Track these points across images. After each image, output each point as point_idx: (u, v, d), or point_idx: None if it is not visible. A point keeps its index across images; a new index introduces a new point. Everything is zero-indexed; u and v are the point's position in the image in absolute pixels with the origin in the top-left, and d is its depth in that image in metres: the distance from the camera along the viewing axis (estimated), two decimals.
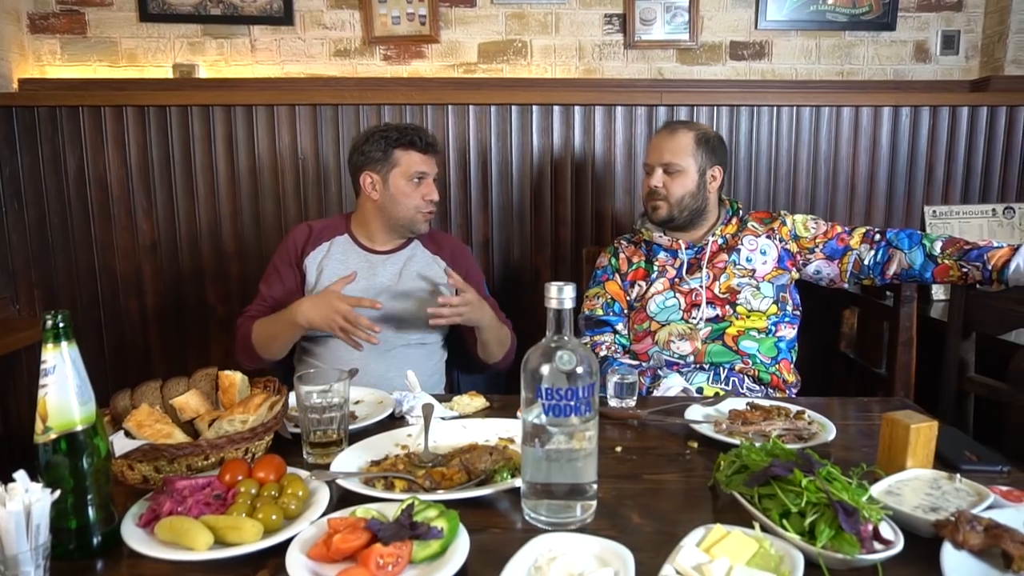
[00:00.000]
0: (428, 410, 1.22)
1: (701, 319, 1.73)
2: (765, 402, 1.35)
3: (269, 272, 1.84)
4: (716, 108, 2.41)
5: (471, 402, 1.39)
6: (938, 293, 2.35)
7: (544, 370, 0.90)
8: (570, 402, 0.89)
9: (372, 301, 1.58)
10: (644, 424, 1.32)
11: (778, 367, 1.73)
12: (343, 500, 0.98)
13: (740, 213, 1.85)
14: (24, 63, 2.46)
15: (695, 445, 1.21)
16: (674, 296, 1.77)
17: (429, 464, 1.09)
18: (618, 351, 1.81)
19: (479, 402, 1.40)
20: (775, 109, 2.42)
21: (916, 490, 0.96)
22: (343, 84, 2.47)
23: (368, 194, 1.79)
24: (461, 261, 1.89)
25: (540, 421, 0.91)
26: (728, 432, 1.21)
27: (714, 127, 2.33)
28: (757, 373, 1.71)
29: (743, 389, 1.69)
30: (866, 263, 1.73)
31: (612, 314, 1.83)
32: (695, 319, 1.74)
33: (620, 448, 1.20)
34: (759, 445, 1.02)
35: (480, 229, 2.45)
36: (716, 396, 1.51)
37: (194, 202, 2.41)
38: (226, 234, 2.43)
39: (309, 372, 1.20)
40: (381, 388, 1.50)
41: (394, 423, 1.31)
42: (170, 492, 0.93)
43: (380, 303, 1.60)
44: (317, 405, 1.14)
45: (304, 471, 1.04)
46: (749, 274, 1.76)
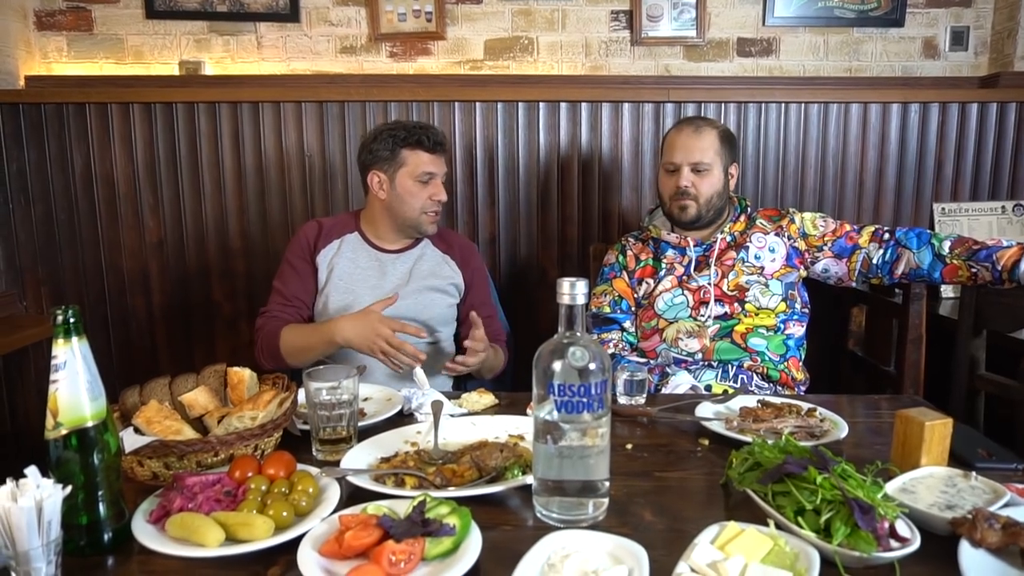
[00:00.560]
0: (438, 407, 1.21)
1: (709, 316, 1.73)
2: (776, 399, 1.34)
3: (284, 269, 1.82)
4: (724, 105, 2.39)
5: (480, 399, 1.39)
6: (947, 291, 2.33)
7: (556, 366, 0.90)
8: (582, 398, 0.89)
9: (417, 328, 1.59)
10: (654, 421, 1.31)
11: (787, 365, 1.72)
12: (353, 497, 0.98)
13: (748, 210, 1.84)
14: (31, 60, 2.46)
15: (706, 442, 1.21)
16: (682, 294, 1.76)
17: (439, 461, 1.08)
18: (626, 349, 1.80)
19: (488, 399, 1.40)
20: (783, 106, 2.40)
21: (931, 488, 0.95)
22: (349, 81, 2.46)
23: (375, 193, 1.78)
24: (470, 260, 1.89)
25: (552, 418, 0.90)
26: (739, 429, 1.20)
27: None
28: (766, 370, 1.70)
29: (752, 386, 1.68)
30: (875, 262, 1.71)
31: (620, 312, 1.82)
32: (703, 316, 1.73)
33: (631, 445, 1.19)
34: (771, 442, 1.02)
35: (487, 226, 2.45)
36: (725, 394, 1.50)
37: (200, 199, 2.41)
38: (232, 231, 2.43)
39: (318, 369, 1.19)
40: (389, 386, 1.50)
41: (403, 420, 1.31)
42: (180, 488, 0.93)
43: (424, 332, 1.60)
44: (326, 402, 1.14)
45: (314, 468, 1.03)
46: (758, 272, 1.75)
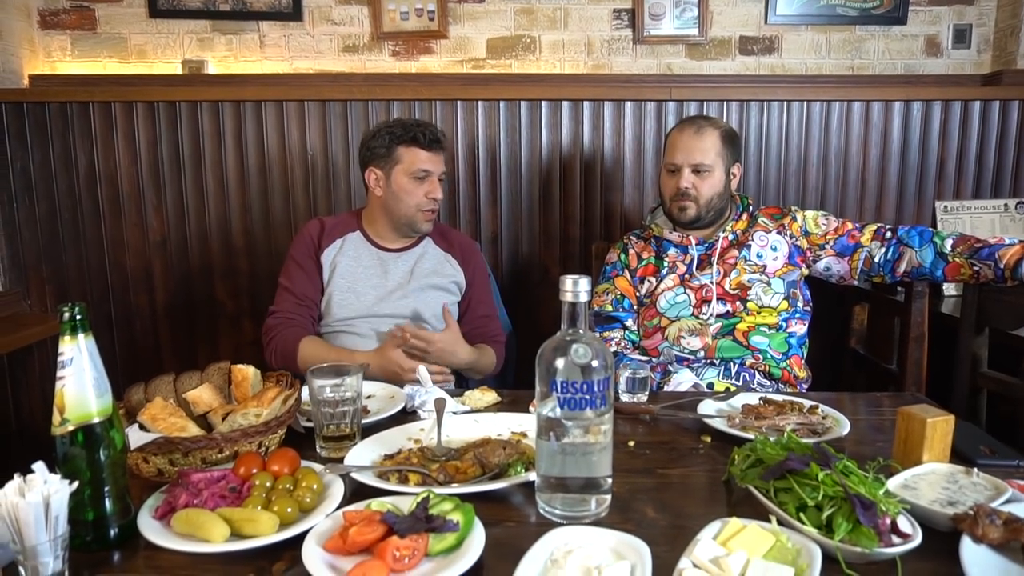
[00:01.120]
0: (441, 404, 1.21)
1: (711, 315, 1.73)
2: (778, 397, 1.35)
3: (289, 267, 1.82)
4: (726, 103, 2.39)
5: (483, 396, 1.39)
6: (949, 289, 2.33)
7: (559, 363, 0.90)
8: (585, 395, 0.89)
9: (440, 369, 1.61)
10: (656, 419, 1.32)
11: (789, 363, 1.72)
12: (357, 494, 0.98)
13: (751, 209, 1.84)
14: (34, 59, 2.47)
15: (708, 439, 1.21)
16: (684, 292, 1.76)
17: (443, 458, 1.08)
18: (628, 347, 1.80)
19: (491, 396, 1.40)
20: (785, 104, 2.40)
21: (933, 484, 0.95)
22: (352, 80, 2.47)
23: (373, 190, 1.79)
24: (471, 258, 1.89)
25: (555, 414, 0.91)
26: (742, 427, 1.20)
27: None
28: (768, 368, 1.70)
29: (754, 384, 1.68)
30: (876, 260, 1.71)
31: (622, 310, 1.83)
32: (705, 315, 1.73)
33: (633, 443, 1.20)
34: (773, 439, 1.02)
35: (489, 225, 2.45)
36: (727, 391, 1.50)
37: (203, 198, 2.42)
38: (235, 230, 2.43)
39: (322, 366, 1.20)
40: (392, 383, 1.50)
41: (406, 417, 1.32)
42: (185, 485, 0.94)
43: (450, 374, 1.66)
44: (330, 399, 1.15)
45: (318, 464, 1.04)
46: (760, 270, 1.75)
